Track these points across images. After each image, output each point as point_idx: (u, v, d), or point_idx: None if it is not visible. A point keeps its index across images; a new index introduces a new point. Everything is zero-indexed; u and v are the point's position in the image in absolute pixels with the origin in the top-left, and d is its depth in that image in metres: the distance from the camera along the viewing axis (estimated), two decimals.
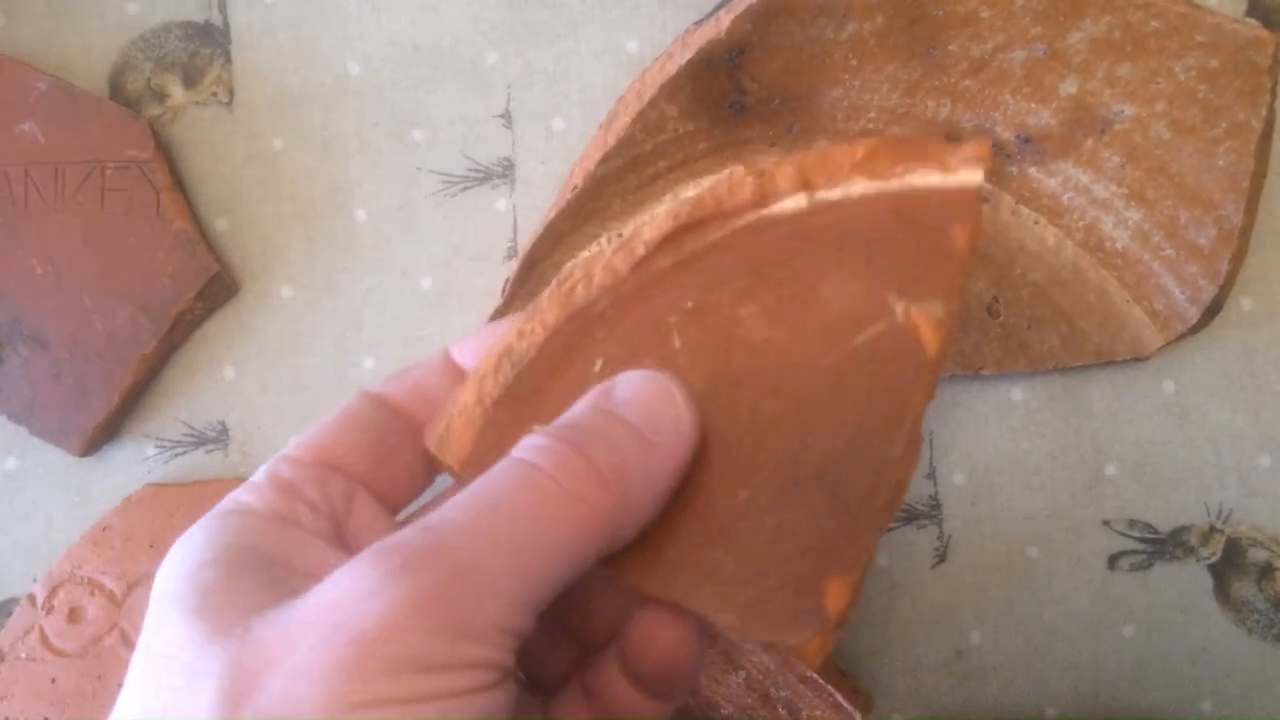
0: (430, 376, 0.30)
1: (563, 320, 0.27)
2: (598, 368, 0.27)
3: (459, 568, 0.21)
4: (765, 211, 0.27)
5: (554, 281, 0.28)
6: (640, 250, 0.27)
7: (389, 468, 0.29)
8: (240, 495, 0.27)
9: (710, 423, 0.26)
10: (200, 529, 0.25)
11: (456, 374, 0.30)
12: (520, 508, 0.22)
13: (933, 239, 0.26)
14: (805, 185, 0.26)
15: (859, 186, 0.26)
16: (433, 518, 0.22)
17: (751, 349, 0.26)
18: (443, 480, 0.30)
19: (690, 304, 0.27)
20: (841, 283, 0.26)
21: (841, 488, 0.25)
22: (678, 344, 0.27)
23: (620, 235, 0.35)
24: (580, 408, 0.25)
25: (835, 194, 0.26)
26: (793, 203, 0.26)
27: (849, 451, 0.25)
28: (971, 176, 0.25)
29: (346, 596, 0.21)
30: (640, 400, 0.25)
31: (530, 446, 0.24)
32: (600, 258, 0.28)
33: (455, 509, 0.22)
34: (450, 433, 0.27)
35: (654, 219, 0.27)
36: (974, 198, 0.25)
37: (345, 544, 0.27)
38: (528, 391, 0.27)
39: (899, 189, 0.26)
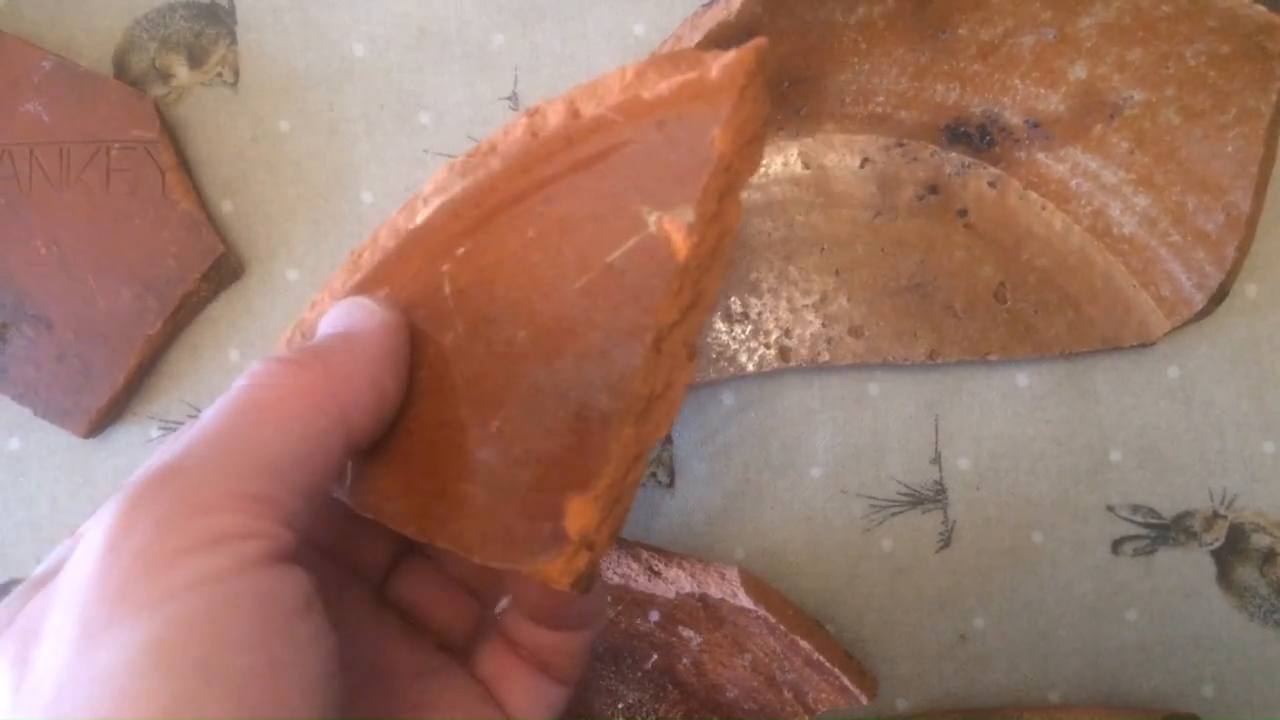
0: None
1: (350, 287, 0.28)
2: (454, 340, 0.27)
3: (165, 468, 0.21)
4: (535, 145, 0.27)
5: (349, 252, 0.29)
6: (419, 206, 0.27)
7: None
8: None
9: (468, 362, 0.26)
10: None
11: None
12: (226, 410, 0.23)
13: (690, 145, 0.25)
14: (574, 114, 0.26)
15: (628, 105, 0.26)
16: (156, 453, 0.23)
17: (511, 283, 0.26)
18: None
19: (461, 250, 0.27)
20: (599, 202, 0.26)
21: (584, 406, 0.25)
22: (447, 290, 0.27)
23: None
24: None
25: (602, 116, 0.26)
26: (562, 133, 0.26)
27: (591, 368, 0.25)
28: (731, 80, 0.24)
29: (80, 550, 0.20)
30: (341, 317, 0.26)
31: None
32: (384, 223, 0.28)
33: (176, 437, 0.23)
34: None
35: (433, 175, 0.27)
36: (732, 97, 0.24)
37: None
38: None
39: (663, 102, 0.25)
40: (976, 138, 0.41)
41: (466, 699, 0.28)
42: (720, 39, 0.39)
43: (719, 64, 0.24)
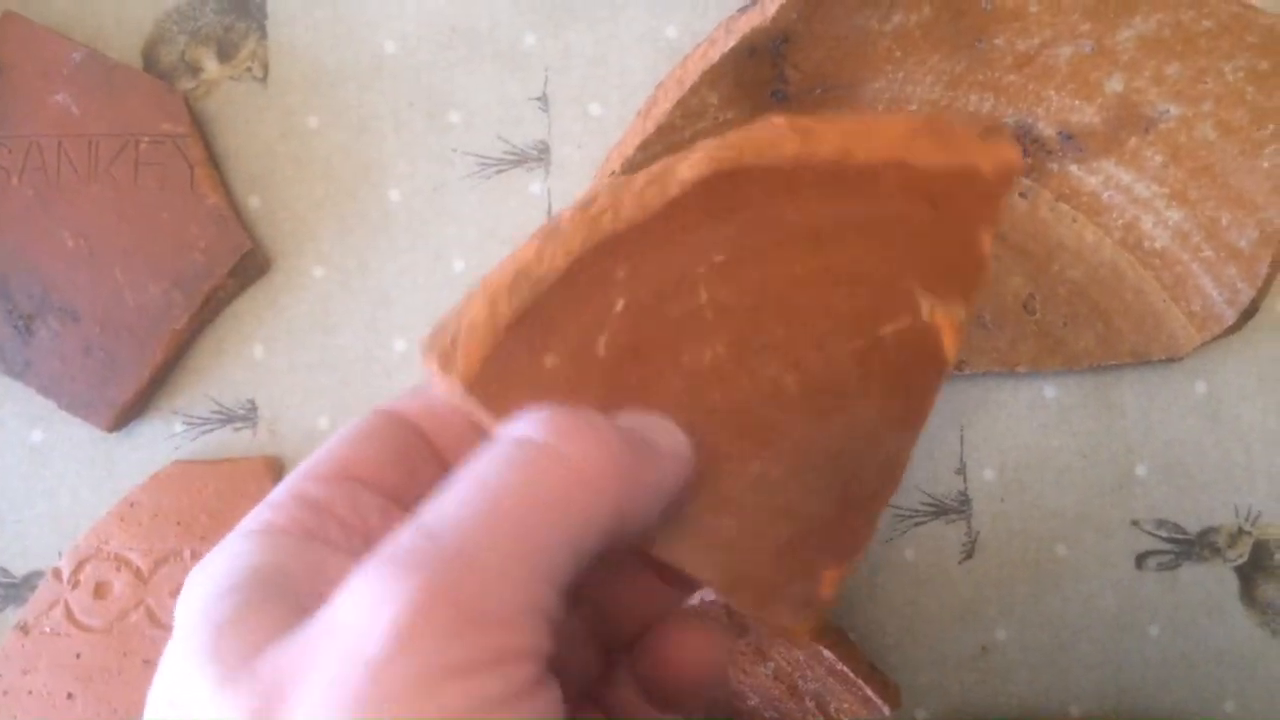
0: (442, 397, 0.29)
1: (587, 249, 0.26)
2: (619, 309, 0.25)
3: (458, 555, 0.19)
4: (804, 173, 0.26)
5: (576, 202, 0.27)
6: (674, 190, 0.26)
7: (416, 483, 0.27)
8: (263, 513, 0.25)
9: (729, 388, 0.25)
10: (220, 553, 0.23)
11: None
12: (510, 479, 0.21)
13: (962, 239, 0.25)
14: (847, 153, 0.26)
15: (899, 168, 0.25)
16: (425, 513, 0.21)
17: (779, 317, 0.25)
18: None
19: (720, 258, 0.25)
20: (873, 265, 0.25)
21: (851, 479, 0.25)
22: (704, 298, 0.26)
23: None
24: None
25: (875, 168, 0.26)
26: (833, 169, 0.26)
27: (863, 445, 0.25)
28: (1003, 184, 0.25)
29: (350, 615, 0.19)
30: (637, 420, 0.24)
31: (514, 424, 0.22)
32: (630, 187, 0.26)
33: (445, 497, 0.21)
34: (457, 349, 0.25)
35: (688, 157, 0.26)
36: (1003, 206, 0.25)
37: None
38: (543, 321, 0.25)
39: (936, 179, 0.25)
40: None
41: None
42: (755, 44, 0.38)
43: (993, 161, 0.25)
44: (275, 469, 0.42)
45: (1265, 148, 0.37)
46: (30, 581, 0.42)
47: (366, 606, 0.19)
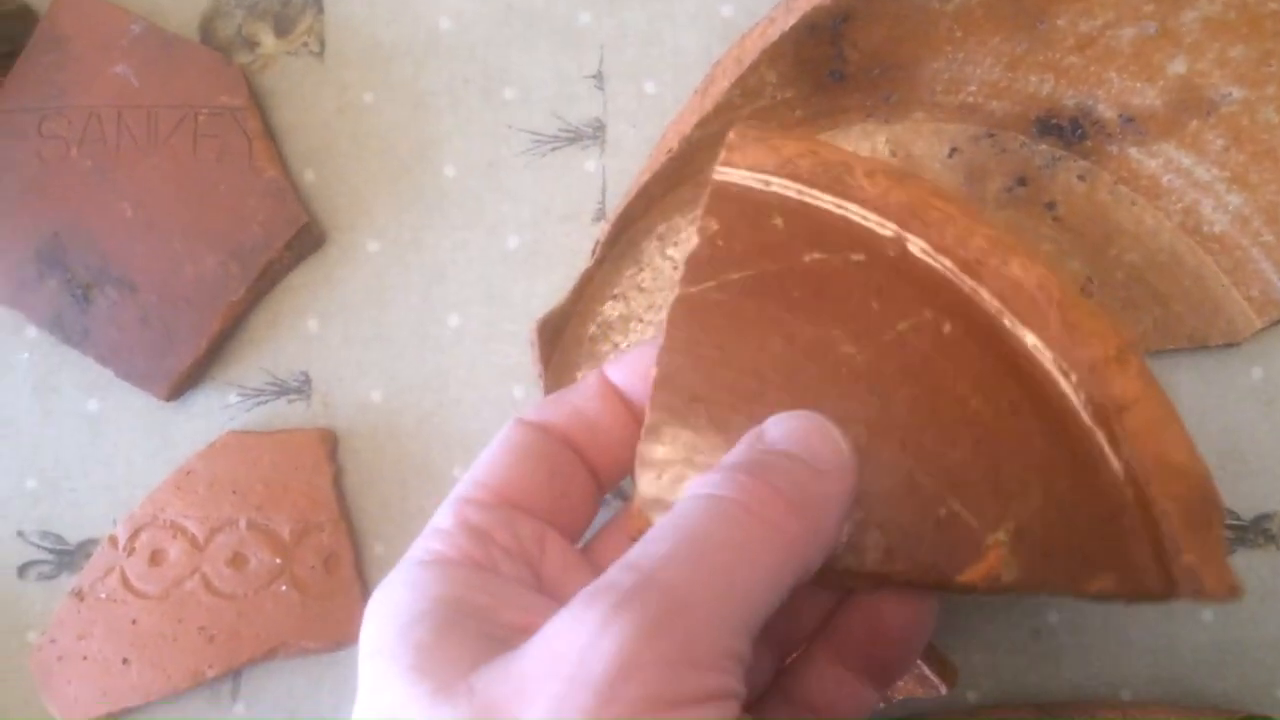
0: (589, 401, 0.29)
1: (902, 213, 0.28)
2: (857, 262, 0.27)
3: (675, 599, 0.21)
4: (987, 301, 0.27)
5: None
6: (994, 262, 0.27)
7: (568, 501, 0.29)
8: (432, 544, 0.26)
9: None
10: (400, 583, 0.25)
11: (614, 396, 0.30)
12: (717, 535, 0.22)
13: (1090, 557, 0.26)
14: (1122, 411, 0.26)
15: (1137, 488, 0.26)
16: (634, 556, 0.22)
17: (925, 376, 0.27)
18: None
19: (945, 325, 0.27)
20: (1014, 472, 0.26)
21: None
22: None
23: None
24: (738, 450, 0.25)
25: (1120, 456, 0.26)
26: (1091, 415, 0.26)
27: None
28: (1169, 588, 0.26)
29: (572, 643, 0.20)
30: (797, 437, 0.25)
31: (708, 483, 0.24)
32: (974, 219, 0.27)
33: (655, 543, 0.22)
34: (742, 149, 0.29)
35: (1031, 260, 0.27)
36: (1153, 595, 0.26)
37: (544, 588, 0.27)
38: (816, 221, 0.28)
39: (1132, 520, 0.26)
40: (1068, 130, 0.41)
41: None
42: (815, 22, 0.38)
43: (1184, 584, 0.26)
44: (329, 440, 0.42)
45: None
46: (85, 549, 0.43)
47: (588, 635, 0.20)
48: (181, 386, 0.42)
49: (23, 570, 0.43)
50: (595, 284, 0.42)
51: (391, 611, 0.24)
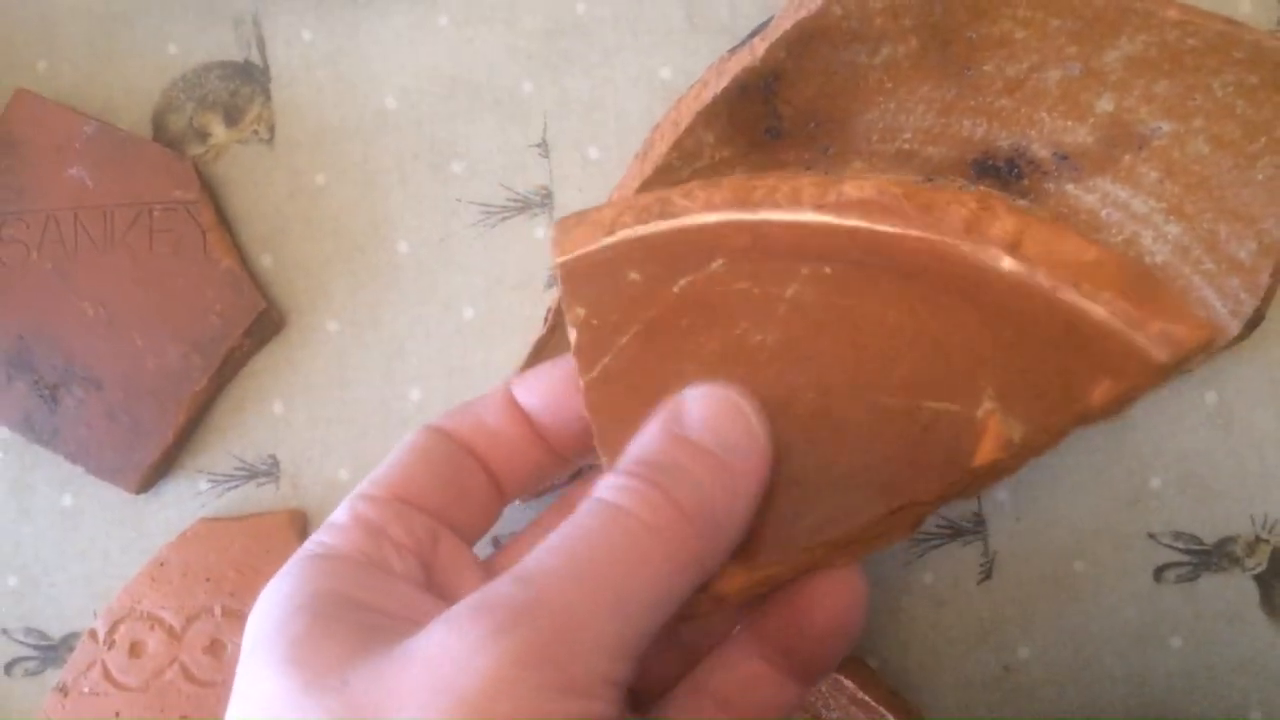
0: (492, 413, 0.30)
1: (729, 207, 0.28)
2: (715, 266, 0.28)
3: (560, 621, 0.21)
4: (953, 246, 0.27)
5: (740, 174, 0.30)
6: (831, 197, 0.27)
7: (466, 503, 0.29)
8: (324, 537, 0.26)
9: (759, 378, 0.27)
10: (287, 575, 0.25)
11: (517, 412, 0.30)
12: (611, 552, 0.22)
13: (1074, 372, 0.25)
14: (1014, 247, 0.26)
15: (1067, 288, 0.26)
16: (527, 566, 0.22)
17: (841, 339, 0.27)
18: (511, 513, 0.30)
19: (828, 270, 0.27)
20: (959, 346, 0.26)
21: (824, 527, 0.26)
22: (790, 292, 0.27)
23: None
24: (652, 435, 0.25)
25: (1034, 274, 0.26)
26: (990, 257, 0.26)
27: (854, 491, 0.26)
28: (1161, 352, 0.25)
29: (449, 654, 0.20)
30: (712, 422, 0.25)
31: (611, 486, 0.23)
32: (794, 179, 0.28)
33: (548, 555, 0.22)
34: (570, 234, 0.29)
35: (861, 179, 0.27)
36: (1147, 371, 0.25)
37: (433, 586, 0.27)
38: (648, 245, 0.28)
39: (1088, 313, 0.26)
40: (1005, 171, 0.41)
41: None
42: (746, 83, 0.39)
43: (1163, 330, 0.26)
44: (299, 521, 0.42)
45: (1259, 160, 0.37)
46: (68, 643, 0.43)
47: (466, 650, 0.20)
48: (152, 478, 0.43)
49: (9, 668, 0.44)
50: (549, 350, 0.42)
51: (274, 604, 0.24)
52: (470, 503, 0.29)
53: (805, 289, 0.27)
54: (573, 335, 0.28)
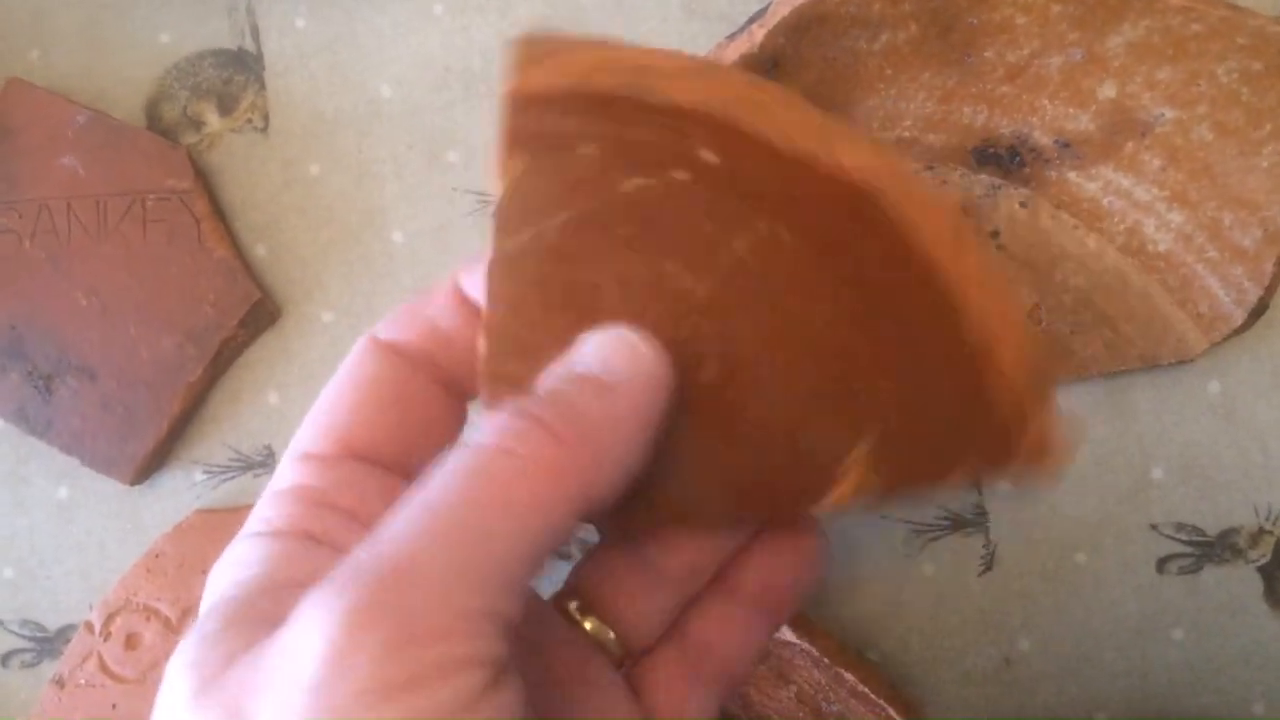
0: (444, 315, 0.26)
1: (722, 105, 0.24)
2: (679, 180, 0.24)
3: (393, 571, 0.19)
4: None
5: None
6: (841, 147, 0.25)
7: (423, 444, 0.26)
8: (266, 510, 0.24)
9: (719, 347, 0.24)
10: (225, 560, 0.23)
11: (470, 308, 0.26)
12: (467, 489, 0.20)
13: (947, 449, 0.24)
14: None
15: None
16: (376, 529, 0.20)
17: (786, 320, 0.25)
18: None
19: (788, 236, 0.25)
20: (870, 387, 0.24)
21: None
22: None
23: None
24: (541, 378, 0.23)
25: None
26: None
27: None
28: (1021, 458, 0.24)
29: (298, 638, 0.19)
30: (597, 353, 0.23)
31: (473, 427, 0.22)
32: (805, 109, 0.24)
33: (399, 505, 0.21)
34: (540, 64, 0.24)
35: (855, 136, 0.24)
36: (1001, 472, 0.24)
37: None
38: (625, 139, 0.24)
39: (991, 393, 0.24)
40: (1006, 159, 0.41)
41: (609, 702, 0.26)
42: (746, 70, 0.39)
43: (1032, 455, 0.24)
44: None
45: (1263, 147, 0.37)
46: (64, 635, 0.43)
47: (307, 629, 0.19)
48: (147, 469, 0.43)
49: (6, 659, 0.43)
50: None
51: (207, 597, 0.22)
52: (432, 435, 0.26)
53: (756, 250, 0.24)
54: (499, 190, 0.24)
